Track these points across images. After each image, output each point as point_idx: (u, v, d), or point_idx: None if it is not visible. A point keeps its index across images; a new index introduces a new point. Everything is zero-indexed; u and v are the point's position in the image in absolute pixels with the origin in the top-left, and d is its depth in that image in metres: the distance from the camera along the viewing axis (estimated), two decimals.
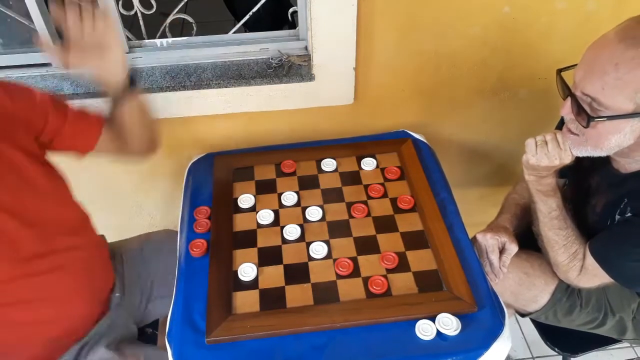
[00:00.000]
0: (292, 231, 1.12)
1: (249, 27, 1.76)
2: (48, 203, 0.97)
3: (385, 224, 1.13)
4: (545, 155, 0.97)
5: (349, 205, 1.17)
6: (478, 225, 1.20)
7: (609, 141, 0.92)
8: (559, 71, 0.99)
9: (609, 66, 0.85)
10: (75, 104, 1.27)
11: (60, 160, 1.07)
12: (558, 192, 1.05)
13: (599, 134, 0.92)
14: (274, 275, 1.04)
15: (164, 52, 1.32)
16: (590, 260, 1.03)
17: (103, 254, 1.13)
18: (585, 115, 0.90)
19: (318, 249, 1.08)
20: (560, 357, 1.30)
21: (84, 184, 1.49)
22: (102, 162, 1.46)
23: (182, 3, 1.37)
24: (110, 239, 1.31)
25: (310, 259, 1.07)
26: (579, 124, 0.93)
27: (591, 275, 1.04)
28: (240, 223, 1.15)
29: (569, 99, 0.94)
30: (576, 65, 0.93)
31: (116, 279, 1.15)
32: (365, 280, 1.02)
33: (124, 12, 1.27)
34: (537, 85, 1.42)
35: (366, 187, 1.22)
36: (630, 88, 0.84)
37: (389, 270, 1.04)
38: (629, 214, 0.97)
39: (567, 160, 0.98)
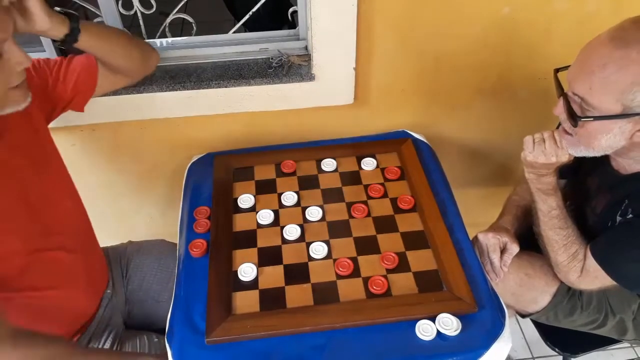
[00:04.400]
0: (292, 231, 1.12)
1: (248, 27, 1.76)
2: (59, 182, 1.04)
3: (385, 224, 1.13)
4: (542, 152, 0.98)
5: (349, 205, 1.17)
6: (478, 225, 1.20)
7: (599, 141, 0.93)
8: (556, 71, 1.00)
9: (596, 66, 0.86)
10: None
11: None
12: (558, 191, 1.05)
13: (588, 134, 0.92)
14: (274, 276, 1.04)
15: (163, 51, 1.32)
16: (591, 261, 1.02)
17: (98, 248, 1.16)
18: (574, 114, 0.90)
19: (318, 249, 1.08)
20: (561, 357, 1.30)
21: (84, 184, 1.49)
22: (102, 162, 1.47)
23: (182, 3, 1.37)
24: (110, 238, 1.31)
25: (310, 259, 1.07)
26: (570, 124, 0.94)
27: (592, 277, 1.04)
28: (240, 223, 1.15)
29: (562, 99, 0.95)
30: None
31: (109, 276, 1.17)
32: (365, 281, 1.02)
33: (124, 12, 1.27)
34: (536, 86, 1.42)
35: (366, 187, 1.22)
36: (616, 89, 0.85)
37: (389, 271, 1.04)
38: (630, 216, 0.97)
39: (564, 158, 0.98)
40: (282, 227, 1.13)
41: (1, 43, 0.79)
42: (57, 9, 0.94)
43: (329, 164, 1.28)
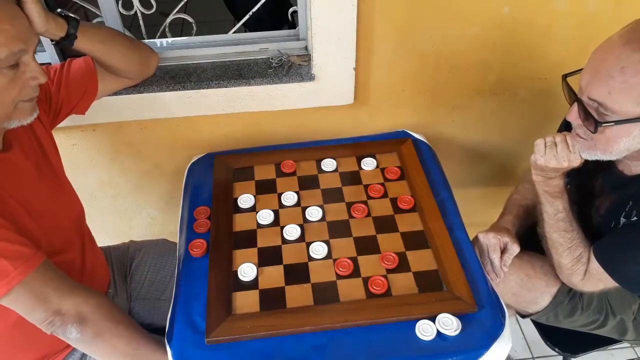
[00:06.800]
0: (292, 231, 1.12)
1: (249, 27, 1.76)
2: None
3: (385, 224, 1.13)
4: (554, 156, 0.97)
5: (349, 205, 1.17)
6: (478, 225, 1.20)
7: (618, 145, 0.91)
8: (565, 76, 0.98)
9: (614, 70, 0.84)
10: None
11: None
12: (565, 193, 1.04)
13: (607, 138, 0.91)
14: (274, 275, 1.04)
15: (163, 52, 1.32)
16: (594, 264, 1.02)
17: (97, 248, 1.17)
18: (593, 120, 0.89)
19: (318, 249, 1.08)
20: (561, 357, 1.30)
21: (84, 184, 1.49)
22: (102, 162, 1.47)
23: (182, 3, 1.37)
24: (110, 238, 1.31)
25: (310, 259, 1.07)
26: (586, 130, 0.93)
27: (596, 279, 1.03)
28: (240, 223, 1.15)
29: (575, 105, 0.93)
30: (581, 69, 0.92)
31: (110, 277, 1.18)
32: (365, 281, 1.02)
33: (124, 12, 1.27)
34: (537, 86, 1.42)
35: (366, 187, 1.22)
36: (637, 92, 0.83)
37: (389, 271, 1.04)
38: (635, 218, 0.97)
39: (576, 163, 0.97)
40: (282, 227, 1.13)
41: (21, 53, 0.80)
42: (59, 10, 0.94)
43: (329, 164, 1.28)
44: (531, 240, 1.16)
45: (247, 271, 1.04)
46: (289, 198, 1.19)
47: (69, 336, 0.89)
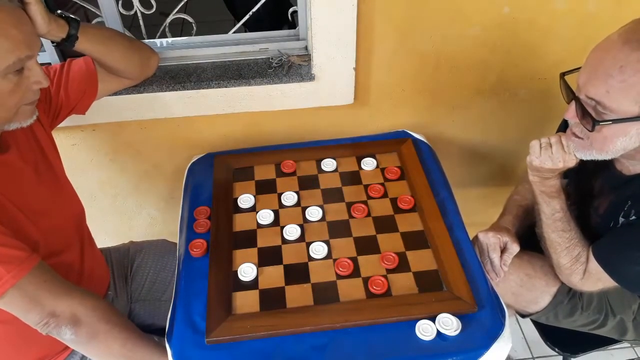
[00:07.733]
0: (292, 231, 1.12)
1: (249, 27, 1.76)
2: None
3: (385, 224, 1.13)
4: (549, 157, 0.97)
5: (349, 205, 1.17)
6: (478, 225, 1.20)
7: (614, 144, 0.91)
8: (563, 75, 0.98)
9: (613, 69, 0.84)
10: None
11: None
12: (562, 194, 1.04)
13: (604, 137, 0.91)
14: (274, 276, 1.04)
15: (163, 52, 1.32)
16: (593, 264, 1.02)
17: (96, 250, 1.17)
18: (590, 119, 0.89)
19: (318, 249, 1.08)
20: (561, 357, 1.30)
21: (84, 184, 1.49)
22: (102, 162, 1.47)
23: (182, 3, 1.37)
24: (110, 238, 1.31)
25: (310, 259, 1.07)
26: (583, 128, 0.93)
27: (595, 279, 1.03)
28: (240, 223, 1.15)
29: (573, 103, 0.93)
30: (579, 68, 0.92)
31: (110, 278, 1.18)
32: (365, 281, 1.02)
33: (124, 12, 1.27)
34: (537, 86, 1.42)
35: (366, 187, 1.22)
36: (635, 91, 0.84)
37: (389, 271, 1.04)
38: (633, 217, 0.97)
39: (571, 163, 0.97)
40: (282, 227, 1.13)
41: (27, 59, 0.81)
42: (59, 12, 0.94)
43: (329, 164, 1.28)
44: (531, 240, 1.16)
45: (247, 271, 1.04)
46: (289, 198, 1.19)
47: (63, 337, 0.89)
